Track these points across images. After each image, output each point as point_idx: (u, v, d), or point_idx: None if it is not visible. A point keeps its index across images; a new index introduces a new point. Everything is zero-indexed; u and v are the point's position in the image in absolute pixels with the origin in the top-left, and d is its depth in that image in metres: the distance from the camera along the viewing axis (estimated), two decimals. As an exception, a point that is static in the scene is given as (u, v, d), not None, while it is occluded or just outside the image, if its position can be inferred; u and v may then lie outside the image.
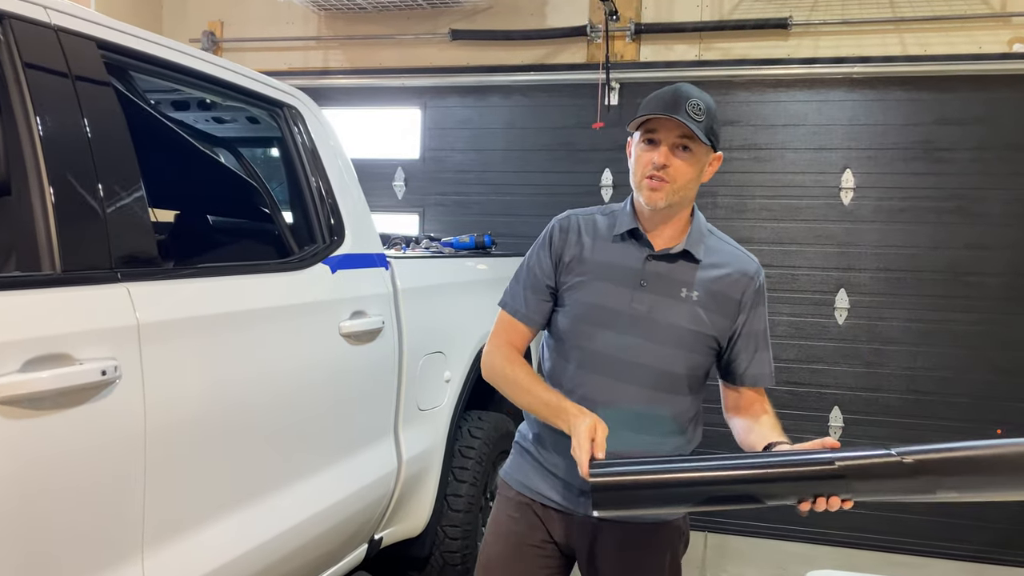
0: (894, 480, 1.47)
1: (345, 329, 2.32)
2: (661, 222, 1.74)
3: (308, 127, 2.51)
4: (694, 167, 1.68)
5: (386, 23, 4.99)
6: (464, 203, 4.91)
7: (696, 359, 1.74)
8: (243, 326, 1.95)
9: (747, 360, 1.77)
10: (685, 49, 4.65)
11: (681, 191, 1.68)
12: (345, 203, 2.54)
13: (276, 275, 2.15)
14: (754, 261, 1.81)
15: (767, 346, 1.80)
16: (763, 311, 1.79)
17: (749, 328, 1.75)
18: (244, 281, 2.02)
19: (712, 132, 1.69)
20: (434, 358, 2.89)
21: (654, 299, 1.71)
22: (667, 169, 1.66)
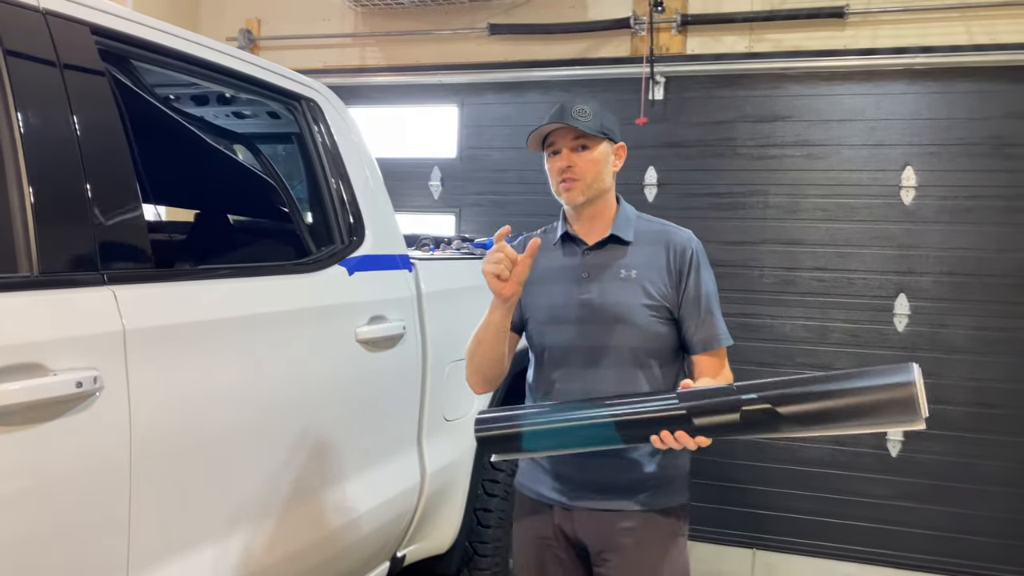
0: (734, 415, 1.55)
1: (362, 335, 2.18)
2: (588, 220, 1.93)
3: (328, 121, 2.38)
4: (597, 161, 1.87)
5: (423, 18, 4.86)
6: (502, 203, 4.75)
7: (653, 330, 1.86)
8: (247, 332, 1.82)
9: (695, 325, 1.88)
10: (734, 41, 4.42)
11: (593, 184, 1.87)
12: (366, 202, 2.40)
13: (287, 277, 2.02)
14: (684, 232, 1.96)
15: (714, 309, 1.90)
16: (704, 275, 1.90)
17: (691, 293, 1.87)
18: (250, 284, 1.89)
19: (604, 127, 1.87)
20: (462, 365, 2.72)
21: (599, 286, 1.88)
22: (572, 169, 1.86)
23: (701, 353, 1.89)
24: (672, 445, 1.61)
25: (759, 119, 4.35)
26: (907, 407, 1.50)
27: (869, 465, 4.18)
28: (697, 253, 1.92)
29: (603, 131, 1.87)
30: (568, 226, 1.98)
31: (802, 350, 4.22)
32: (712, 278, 1.94)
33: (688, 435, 1.60)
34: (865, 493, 4.18)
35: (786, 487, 4.27)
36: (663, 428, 1.61)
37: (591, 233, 1.94)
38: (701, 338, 1.88)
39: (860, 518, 4.18)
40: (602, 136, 1.87)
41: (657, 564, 1.88)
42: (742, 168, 4.35)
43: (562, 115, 1.86)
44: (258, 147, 2.48)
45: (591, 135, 1.84)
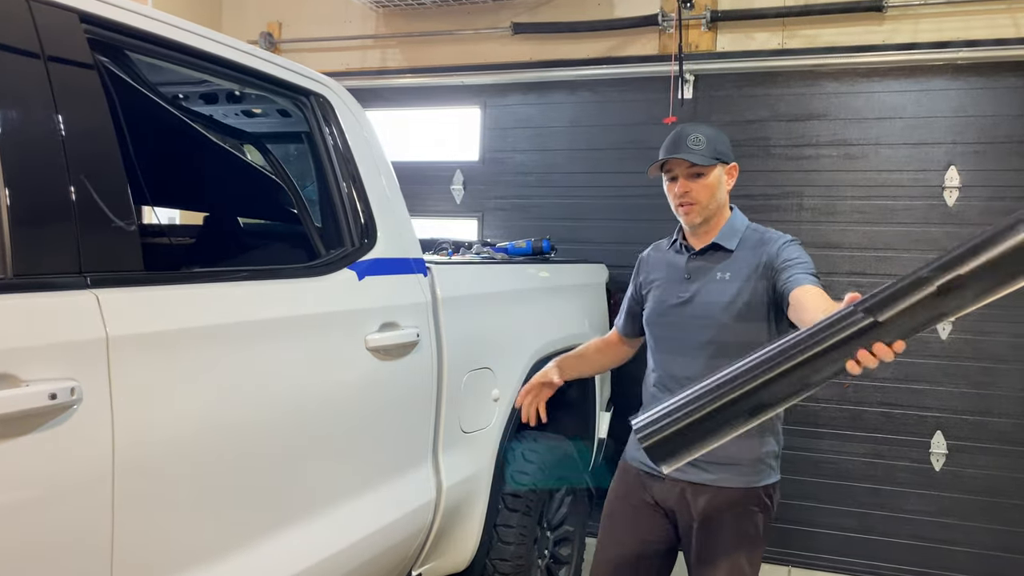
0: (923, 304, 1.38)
1: (372, 343, 2.06)
2: (704, 233, 2.18)
3: (339, 119, 2.27)
4: (711, 186, 2.11)
5: (446, 19, 4.76)
6: (525, 207, 4.62)
7: (742, 326, 2.05)
8: (246, 339, 1.70)
9: (785, 281, 1.97)
10: (766, 37, 4.26)
11: (709, 206, 2.12)
12: (379, 203, 2.29)
13: (291, 281, 1.90)
14: (782, 235, 2.12)
15: (803, 271, 1.95)
16: (794, 250, 2.03)
17: (783, 263, 2.00)
18: (251, 288, 1.78)
19: (717, 152, 2.10)
20: (480, 375, 2.61)
21: (696, 286, 2.15)
22: (689, 194, 2.11)
23: (795, 290, 1.88)
24: (870, 364, 1.42)
25: (793, 118, 4.18)
26: None
27: (910, 479, 3.98)
28: (788, 241, 2.08)
29: (716, 157, 2.10)
30: (683, 234, 2.25)
31: None
32: (805, 254, 2.03)
33: (884, 344, 1.41)
34: (906, 509, 3.98)
35: (823, 502, 4.08)
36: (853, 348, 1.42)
37: (699, 242, 2.19)
38: (791, 286, 1.91)
39: (900, 535, 3.98)
40: (715, 163, 2.10)
41: (727, 541, 2.07)
42: (775, 169, 4.19)
43: (677, 146, 2.11)
44: (267, 146, 2.37)
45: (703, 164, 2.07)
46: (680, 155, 2.08)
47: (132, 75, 1.82)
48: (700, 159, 2.06)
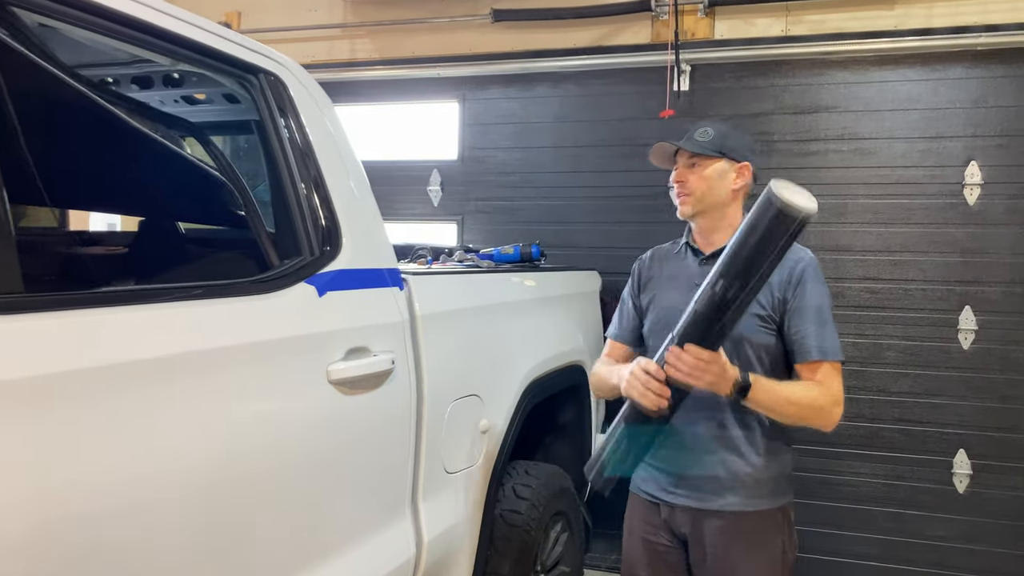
0: None
1: (336, 374, 1.67)
2: (706, 232, 2.06)
3: (295, 103, 1.88)
4: (708, 178, 2.00)
5: (419, 6, 4.38)
6: (509, 209, 4.25)
7: (757, 340, 1.93)
8: (162, 380, 1.31)
9: (793, 335, 1.92)
10: (769, 23, 3.93)
11: (704, 199, 2.01)
12: (344, 204, 1.90)
13: (229, 301, 1.51)
14: (803, 249, 1.97)
15: (815, 321, 1.90)
16: (811, 289, 1.92)
17: (794, 304, 1.92)
18: (172, 312, 1.38)
19: (723, 147, 2.00)
20: (466, 404, 2.23)
21: None
22: (684, 184, 2.02)
23: (798, 363, 1.93)
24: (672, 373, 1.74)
25: (799, 110, 3.86)
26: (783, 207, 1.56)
27: (932, 502, 3.66)
28: (807, 267, 1.95)
29: (720, 151, 2.00)
30: (691, 236, 2.11)
31: (852, 371, 3.70)
32: (823, 293, 1.94)
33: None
34: (927, 534, 3.66)
35: (840, 527, 3.75)
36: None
37: (709, 244, 2.05)
38: (798, 348, 1.92)
39: (920, 562, 3.66)
40: (717, 155, 1.99)
41: (741, 567, 1.95)
42: (780, 166, 3.85)
43: (685, 136, 2.05)
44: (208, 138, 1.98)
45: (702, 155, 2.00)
46: (675, 142, 2.05)
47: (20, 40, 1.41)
48: (695, 147, 2.00)
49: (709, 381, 1.74)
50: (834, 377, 1.89)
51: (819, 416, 1.87)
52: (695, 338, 1.72)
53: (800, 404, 1.85)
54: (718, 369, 1.73)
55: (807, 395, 1.86)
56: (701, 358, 1.71)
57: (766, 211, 1.59)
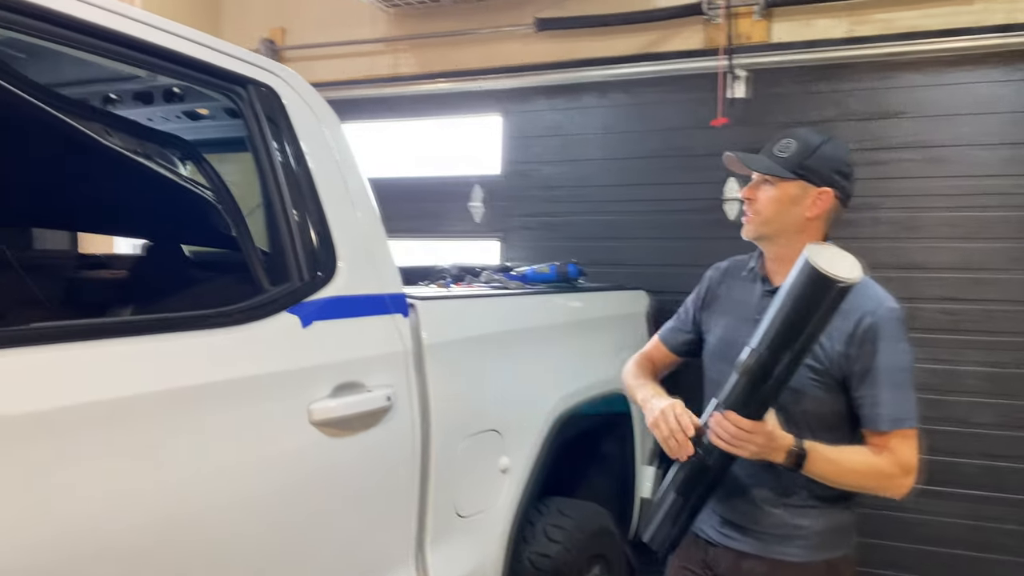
0: None
1: (320, 413, 1.51)
2: (776, 260, 1.83)
3: (288, 114, 1.74)
4: (778, 201, 1.76)
5: (462, 18, 4.25)
6: (554, 225, 4.06)
7: (810, 393, 1.73)
8: (114, 425, 1.17)
9: (860, 399, 1.72)
10: (831, 24, 3.65)
11: (770, 223, 1.78)
12: (341, 224, 1.75)
13: (192, 336, 1.36)
14: (877, 298, 1.73)
15: (888, 386, 1.69)
16: (883, 347, 1.69)
17: (863, 366, 1.70)
18: (120, 349, 1.24)
19: (802, 167, 1.74)
20: (483, 440, 2.05)
21: None
22: (752, 203, 1.80)
23: (866, 429, 1.73)
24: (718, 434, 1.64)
25: (866, 116, 3.56)
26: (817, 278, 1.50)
27: (1019, 547, 3.29)
28: (882, 322, 1.69)
29: (796, 171, 1.75)
30: (762, 261, 1.89)
31: (928, 400, 3.31)
32: (898, 352, 1.69)
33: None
34: (1015, 582, 3.30)
35: (912, 571, 3.41)
36: None
37: (778, 275, 1.82)
38: (867, 415, 1.72)
39: (1008, 613, 3.30)
40: (793, 177, 1.75)
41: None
42: (845, 177, 3.55)
43: (765, 147, 1.82)
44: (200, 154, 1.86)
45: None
46: (745, 157, 1.81)
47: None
48: (764, 167, 1.77)
49: (753, 451, 1.62)
50: (907, 445, 1.69)
51: (886, 487, 1.71)
52: (737, 405, 1.61)
53: (865, 475, 1.69)
54: (762, 439, 1.61)
55: (874, 466, 1.68)
56: (742, 427, 1.60)
57: (802, 278, 1.52)
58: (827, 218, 1.79)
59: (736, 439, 1.60)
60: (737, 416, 1.60)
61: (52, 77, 1.79)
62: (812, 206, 1.75)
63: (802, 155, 1.75)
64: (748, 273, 1.90)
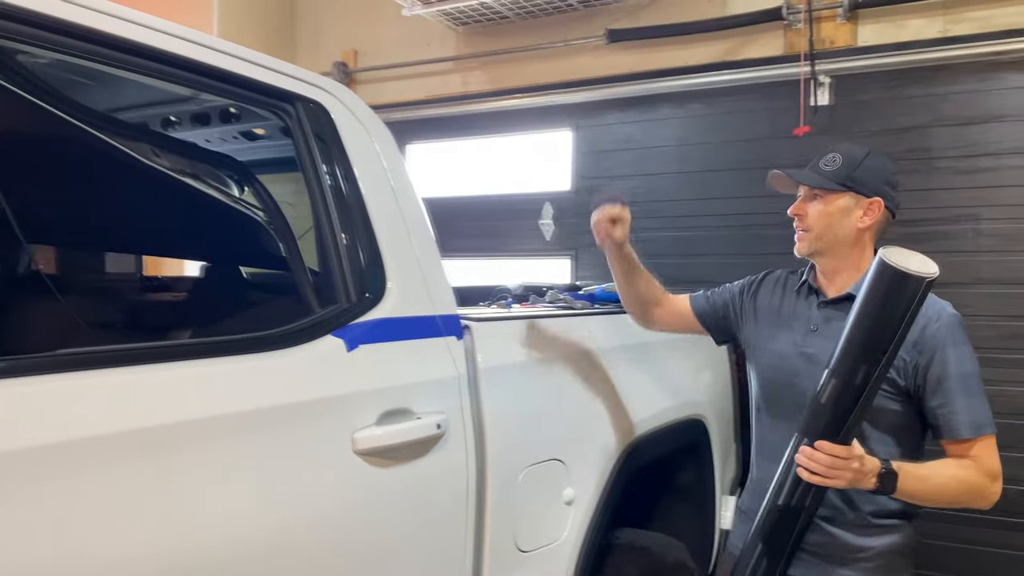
0: None
1: (364, 443, 1.43)
2: (830, 273, 1.84)
3: (339, 132, 1.68)
4: (829, 214, 1.77)
5: (532, 33, 4.18)
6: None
7: (887, 408, 1.71)
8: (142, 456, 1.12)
9: (935, 409, 1.70)
10: (923, 24, 3.43)
11: (823, 237, 1.79)
12: (393, 244, 1.68)
13: (229, 362, 1.30)
14: (937, 305, 1.72)
15: (963, 393, 1.68)
16: (952, 354, 1.69)
17: (933, 372, 1.69)
18: (154, 376, 1.19)
19: (850, 179, 1.76)
20: (545, 470, 1.93)
21: (825, 343, 1.72)
22: (803, 219, 1.82)
23: (946, 440, 1.71)
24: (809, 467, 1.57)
25: (963, 121, 3.32)
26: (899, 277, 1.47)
27: None
28: (946, 328, 1.70)
29: (845, 183, 1.76)
30: (812, 275, 1.91)
31: (1007, 426, 3.08)
32: (967, 357, 1.69)
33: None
34: None
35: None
36: None
37: (831, 287, 1.86)
38: (945, 424, 1.69)
39: None
40: (842, 189, 1.77)
41: None
42: (942, 186, 3.33)
43: (812, 163, 1.83)
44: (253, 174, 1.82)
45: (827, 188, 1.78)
46: (793, 172, 1.83)
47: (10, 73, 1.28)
48: (815, 181, 1.78)
49: (849, 479, 1.55)
50: (990, 451, 1.68)
51: (977, 498, 1.69)
52: (827, 433, 1.55)
53: (956, 490, 1.65)
54: (857, 464, 1.55)
55: (963, 477, 1.65)
56: (837, 455, 1.53)
57: (880, 281, 1.50)
58: (878, 228, 1.80)
59: (833, 469, 1.54)
60: (830, 444, 1.53)
61: (110, 102, 1.80)
62: (864, 216, 1.77)
63: (850, 167, 1.77)
64: (801, 287, 1.89)
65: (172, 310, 1.81)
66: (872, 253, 1.78)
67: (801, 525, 1.67)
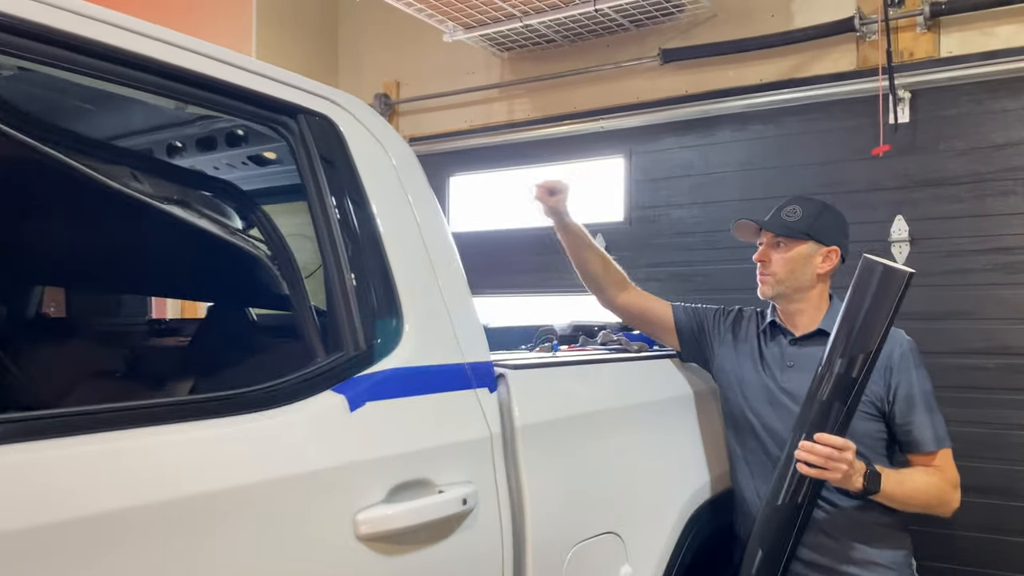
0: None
1: (369, 525, 1.16)
2: (793, 314, 2.05)
3: (348, 150, 1.44)
4: (792, 260, 2.00)
5: (580, 56, 3.94)
6: (687, 276, 3.61)
7: (861, 426, 1.84)
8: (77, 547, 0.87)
9: (902, 427, 1.90)
10: (1014, 31, 3.08)
11: (785, 282, 2.02)
12: (412, 280, 1.42)
13: (202, 427, 1.04)
14: (897, 333, 1.89)
15: (926, 409, 1.89)
16: (916, 375, 1.90)
17: (904, 393, 1.89)
18: (110, 446, 0.95)
19: (811, 229, 2.00)
20: (597, 547, 1.63)
21: (803, 376, 1.88)
22: (766, 264, 2.04)
23: (913, 454, 1.91)
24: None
25: (1067, 136, 2.95)
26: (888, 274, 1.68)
27: None
28: (909, 352, 1.92)
29: (807, 233, 1.98)
30: (776, 316, 2.08)
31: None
32: (926, 377, 1.92)
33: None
34: None
35: None
36: None
37: (797, 326, 2.03)
38: (907, 440, 1.90)
39: None
40: (803, 238, 1.99)
41: None
42: (1041, 209, 2.94)
43: (771, 213, 2.05)
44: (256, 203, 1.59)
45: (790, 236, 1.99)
46: (757, 220, 2.05)
47: None
48: (780, 229, 1.99)
49: (844, 471, 1.69)
50: (950, 462, 1.90)
51: (943, 504, 1.87)
52: (824, 426, 1.70)
53: (927, 493, 1.85)
54: (851, 456, 1.70)
55: (933, 483, 1.85)
56: (834, 445, 1.68)
57: (869, 278, 1.69)
58: (832, 273, 2.03)
59: (830, 460, 1.67)
60: (828, 436, 1.68)
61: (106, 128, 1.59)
62: (823, 263, 2.00)
63: (811, 217, 1.99)
64: (767, 327, 2.06)
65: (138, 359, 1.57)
66: (828, 295, 2.04)
67: (800, 523, 1.78)
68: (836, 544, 1.86)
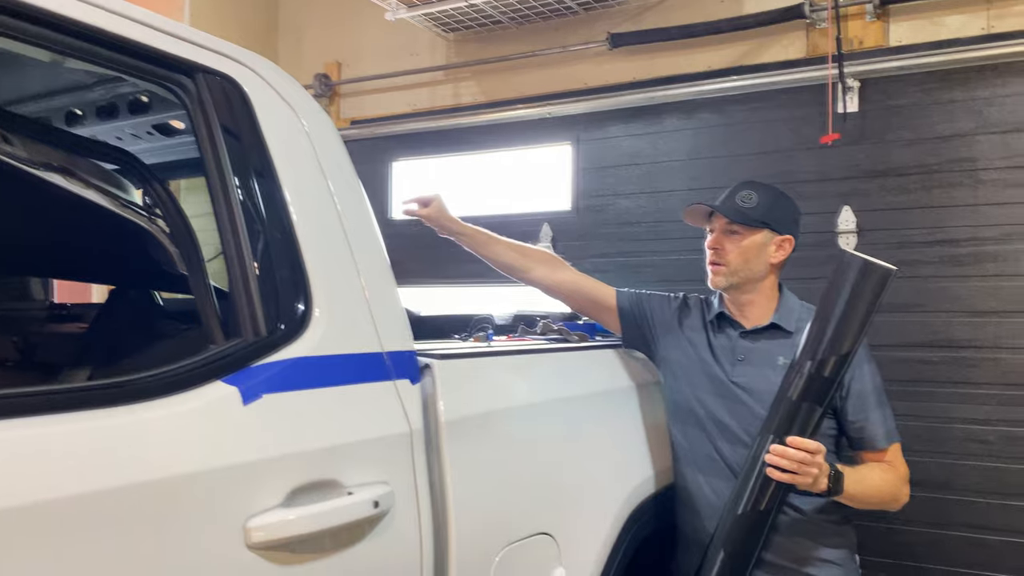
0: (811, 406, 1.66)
1: (262, 533, 1.03)
2: (743, 305, 1.96)
3: (254, 114, 1.30)
4: (746, 249, 1.90)
5: (527, 39, 3.82)
6: (633, 266, 3.52)
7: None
8: None
9: (852, 423, 1.85)
10: (963, 21, 3.05)
11: (739, 272, 1.92)
12: (324, 260, 1.29)
13: (66, 421, 0.90)
14: None
15: (877, 404, 1.85)
16: (868, 371, 1.85)
17: (855, 388, 1.83)
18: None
19: (767, 217, 1.90)
20: (529, 547, 1.52)
21: (754, 370, 1.88)
22: (719, 252, 1.93)
23: (865, 450, 1.87)
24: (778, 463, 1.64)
25: (1012, 128, 2.92)
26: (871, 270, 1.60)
27: None
28: (860, 347, 1.75)
29: (763, 221, 1.90)
30: (724, 307, 2.00)
31: None
32: (873, 372, 1.87)
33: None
34: None
35: None
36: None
37: (747, 318, 1.96)
38: (860, 437, 1.86)
39: None
40: (759, 226, 1.90)
41: None
42: (989, 202, 2.92)
43: (725, 196, 1.95)
44: (149, 173, 1.44)
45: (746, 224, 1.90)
46: (715, 205, 1.94)
47: None
48: (736, 215, 1.89)
49: (814, 475, 1.63)
50: (900, 456, 1.86)
51: (895, 499, 1.84)
52: (795, 430, 1.64)
53: (883, 490, 1.81)
54: (821, 459, 1.64)
55: (887, 480, 1.82)
56: (807, 449, 1.62)
57: (847, 274, 1.61)
58: (784, 263, 1.94)
59: (803, 465, 1.61)
60: (801, 439, 1.62)
61: None
62: (777, 252, 1.92)
63: (767, 206, 1.89)
64: (713, 319, 1.98)
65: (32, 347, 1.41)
66: (778, 285, 1.96)
67: (767, 529, 1.72)
68: (789, 542, 1.81)
